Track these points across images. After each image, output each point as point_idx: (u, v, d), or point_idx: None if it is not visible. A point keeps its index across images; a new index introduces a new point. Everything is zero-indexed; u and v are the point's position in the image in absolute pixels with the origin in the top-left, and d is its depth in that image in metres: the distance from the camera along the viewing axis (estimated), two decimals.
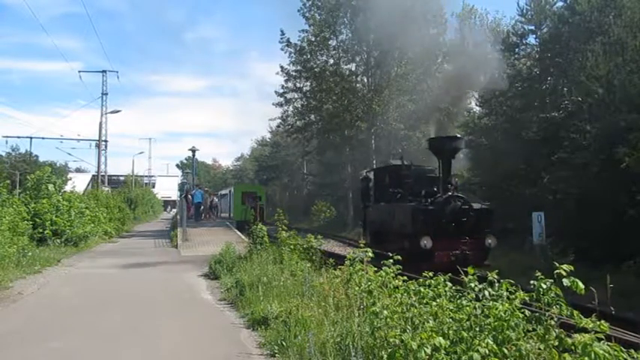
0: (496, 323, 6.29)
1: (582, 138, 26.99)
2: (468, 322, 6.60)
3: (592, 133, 26.15)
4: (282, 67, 53.71)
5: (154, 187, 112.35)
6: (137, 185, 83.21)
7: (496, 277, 7.24)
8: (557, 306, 6.24)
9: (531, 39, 39.64)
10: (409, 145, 50.82)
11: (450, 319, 6.86)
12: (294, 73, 53.74)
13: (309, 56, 52.20)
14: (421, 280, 8.32)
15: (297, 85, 54.44)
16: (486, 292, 7.11)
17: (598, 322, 5.75)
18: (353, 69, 53.70)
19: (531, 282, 6.54)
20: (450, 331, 6.54)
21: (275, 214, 19.83)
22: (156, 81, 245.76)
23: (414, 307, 7.40)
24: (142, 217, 66.87)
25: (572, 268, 6.20)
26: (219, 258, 19.36)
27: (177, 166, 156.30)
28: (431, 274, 8.52)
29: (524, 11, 38.32)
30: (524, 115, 35.23)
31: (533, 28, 38.37)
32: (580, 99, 28.66)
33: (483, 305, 6.76)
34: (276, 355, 9.09)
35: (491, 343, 6.04)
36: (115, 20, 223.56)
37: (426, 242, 20.14)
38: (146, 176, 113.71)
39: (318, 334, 8.79)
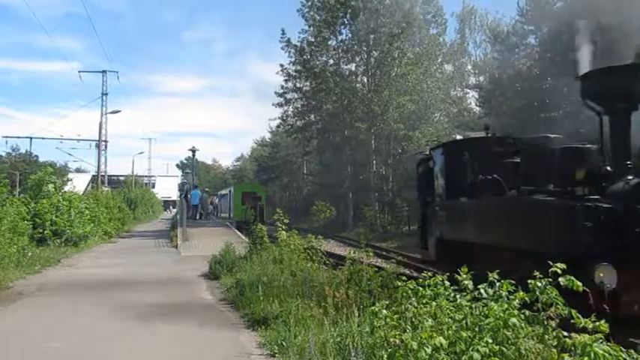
0: (494, 323, 6.28)
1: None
2: (466, 322, 6.59)
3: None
4: (282, 66, 53.85)
5: (153, 187, 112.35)
6: (137, 185, 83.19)
7: (497, 277, 7.23)
8: (555, 306, 6.24)
9: (531, 39, 39.76)
10: (409, 145, 50.79)
11: (449, 319, 6.85)
12: (294, 73, 53.92)
13: (309, 56, 52.33)
14: (420, 280, 8.31)
15: (297, 85, 54.60)
16: (483, 292, 7.09)
17: (598, 323, 5.73)
18: (353, 69, 54.01)
19: (528, 281, 6.53)
20: (449, 331, 6.51)
21: (275, 214, 19.67)
22: (155, 81, 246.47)
23: (413, 306, 7.41)
24: (141, 218, 66.84)
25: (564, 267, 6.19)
26: (219, 258, 19.31)
27: (178, 166, 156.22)
28: (430, 274, 8.34)
29: (524, 11, 38.40)
30: (525, 115, 35.19)
31: (532, 28, 38.46)
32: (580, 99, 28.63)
33: (483, 305, 6.73)
34: (276, 355, 9.08)
35: (491, 342, 6.04)
36: (114, 20, 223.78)
37: (607, 276, 9.93)
38: (146, 176, 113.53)
39: (318, 334, 8.79)
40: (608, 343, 5.20)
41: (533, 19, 37.81)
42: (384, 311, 7.37)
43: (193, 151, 48.20)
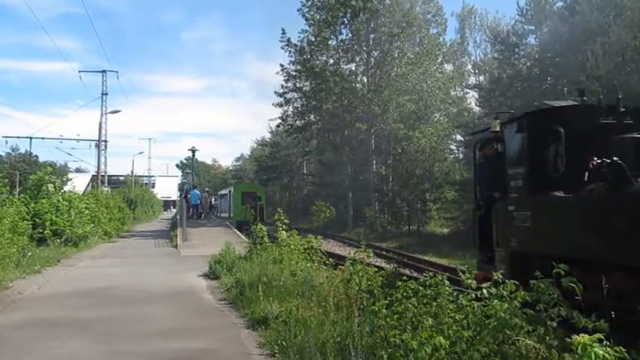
0: (496, 323, 6.26)
1: None
2: (466, 321, 6.58)
3: None
4: (282, 66, 53.83)
5: (153, 187, 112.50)
6: (137, 185, 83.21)
7: (501, 276, 7.21)
8: (558, 306, 6.23)
9: (531, 39, 39.78)
10: (409, 145, 50.81)
11: (450, 319, 6.85)
12: (294, 73, 53.85)
13: (309, 56, 52.33)
14: (421, 279, 8.29)
15: (297, 85, 54.54)
16: (485, 292, 7.07)
17: (598, 323, 5.72)
18: (353, 69, 54.14)
19: (531, 282, 6.52)
20: (450, 331, 6.51)
21: (275, 214, 19.62)
22: (154, 81, 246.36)
23: (414, 306, 7.40)
24: (141, 217, 66.92)
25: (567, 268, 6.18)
26: (219, 258, 19.29)
27: (177, 166, 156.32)
28: (431, 274, 8.34)
29: (524, 11, 38.42)
30: None
31: (533, 28, 38.48)
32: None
33: (484, 305, 6.71)
34: (276, 355, 9.06)
35: (491, 342, 6.03)
36: (114, 20, 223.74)
37: None
38: (146, 176, 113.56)
39: (318, 334, 8.80)
40: (608, 344, 5.19)
41: (533, 18, 37.83)
42: (384, 311, 7.39)
43: (193, 151, 48.32)
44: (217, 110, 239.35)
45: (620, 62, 25.30)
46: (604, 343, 5.02)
